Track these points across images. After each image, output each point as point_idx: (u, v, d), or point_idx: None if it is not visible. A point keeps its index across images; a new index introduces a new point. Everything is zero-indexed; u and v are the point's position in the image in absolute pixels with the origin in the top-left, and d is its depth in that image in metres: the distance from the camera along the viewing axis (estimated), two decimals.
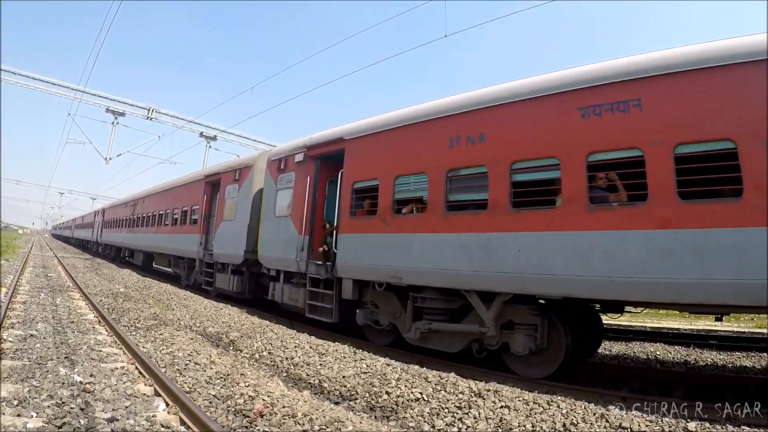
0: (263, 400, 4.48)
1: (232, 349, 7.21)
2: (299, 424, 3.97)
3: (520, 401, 4.65)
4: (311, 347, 7.03)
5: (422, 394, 4.93)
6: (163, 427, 3.85)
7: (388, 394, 5.01)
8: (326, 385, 5.48)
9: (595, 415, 4.28)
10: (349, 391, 5.25)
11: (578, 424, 4.14)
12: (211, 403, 4.47)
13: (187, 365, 5.68)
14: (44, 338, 6.43)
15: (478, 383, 5.23)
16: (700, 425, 4.05)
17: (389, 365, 6.03)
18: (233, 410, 4.28)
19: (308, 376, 5.82)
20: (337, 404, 4.89)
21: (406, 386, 5.16)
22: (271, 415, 4.15)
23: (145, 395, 4.55)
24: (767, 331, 10.69)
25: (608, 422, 4.14)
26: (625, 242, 4.89)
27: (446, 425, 4.25)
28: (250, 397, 4.56)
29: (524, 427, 4.14)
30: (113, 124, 24.62)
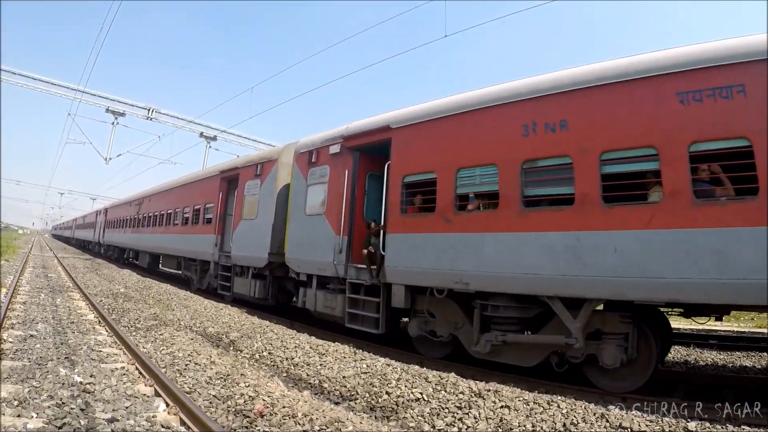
0: (263, 400, 4.49)
1: (232, 349, 7.21)
2: (299, 424, 3.98)
3: (520, 401, 4.65)
4: (311, 347, 7.04)
5: (422, 394, 4.93)
6: (163, 427, 3.86)
7: (388, 394, 5.01)
8: (326, 385, 5.49)
9: (595, 415, 4.29)
10: (349, 391, 5.25)
11: (578, 424, 4.15)
12: (211, 403, 4.48)
13: (187, 365, 5.68)
14: (44, 339, 6.43)
15: (478, 383, 5.23)
16: (700, 425, 4.06)
17: (389, 365, 6.03)
18: (233, 410, 4.29)
19: (308, 376, 5.83)
20: (337, 404, 4.90)
21: (406, 386, 5.16)
22: (271, 415, 4.16)
23: (145, 395, 4.56)
24: (767, 330, 10.70)
25: (608, 422, 4.14)
26: (737, 241, 4.46)
27: (446, 425, 4.26)
28: (250, 397, 4.56)
29: (524, 427, 4.14)
30: (113, 124, 24.65)
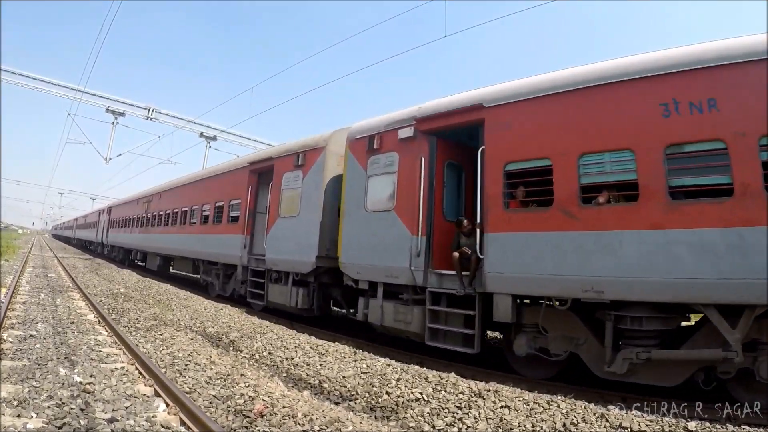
0: (263, 400, 4.49)
1: (232, 349, 7.21)
2: (299, 424, 3.98)
3: (520, 401, 4.65)
4: (311, 347, 7.04)
5: (422, 394, 4.93)
6: (163, 427, 3.86)
7: (388, 394, 5.01)
8: (326, 385, 5.49)
9: (595, 414, 4.29)
10: (349, 391, 5.25)
11: (578, 423, 4.15)
12: (211, 403, 4.48)
13: (187, 365, 5.68)
14: (44, 339, 6.43)
15: (478, 383, 5.23)
16: (700, 425, 4.06)
17: (389, 365, 6.03)
18: (233, 410, 4.29)
19: (308, 376, 5.83)
20: (337, 404, 4.90)
21: (406, 386, 5.16)
22: (271, 415, 4.16)
23: (145, 396, 4.56)
24: None
25: (608, 422, 4.15)
26: None
27: (446, 425, 4.26)
28: (250, 397, 4.57)
29: (524, 427, 4.14)
30: (113, 124, 24.65)
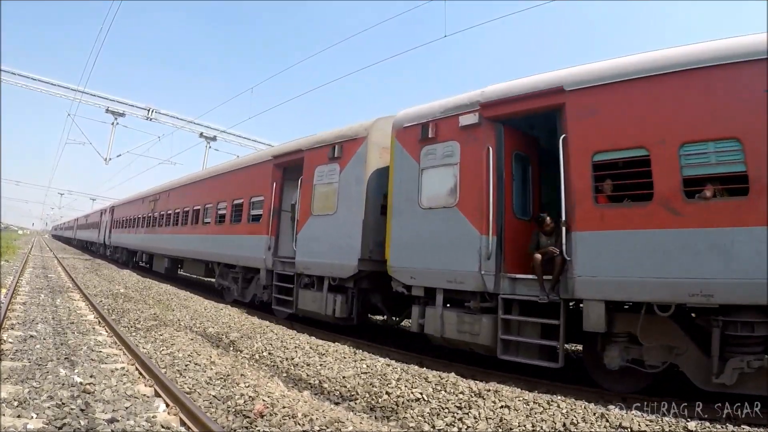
0: (263, 400, 4.49)
1: (232, 349, 7.22)
2: (299, 424, 3.98)
3: (520, 401, 4.66)
4: (311, 348, 7.04)
5: (422, 394, 4.93)
6: (163, 427, 3.86)
7: (388, 394, 5.01)
8: (326, 385, 5.49)
9: (595, 414, 4.30)
10: (349, 391, 5.25)
11: (578, 423, 4.16)
12: (211, 403, 4.48)
13: (187, 366, 5.69)
14: (44, 339, 6.43)
15: (478, 383, 5.24)
16: (700, 425, 4.07)
17: (389, 365, 6.04)
18: (233, 411, 4.29)
19: (308, 376, 5.83)
20: (337, 404, 4.90)
21: (406, 386, 5.17)
22: (271, 415, 4.16)
23: (145, 396, 4.56)
24: None
25: (608, 422, 4.15)
26: None
27: (446, 425, 4.26)
28: (250, 397, 4.57)
29: (524, 427, 4.14)
30: (113, 124, 24.67)
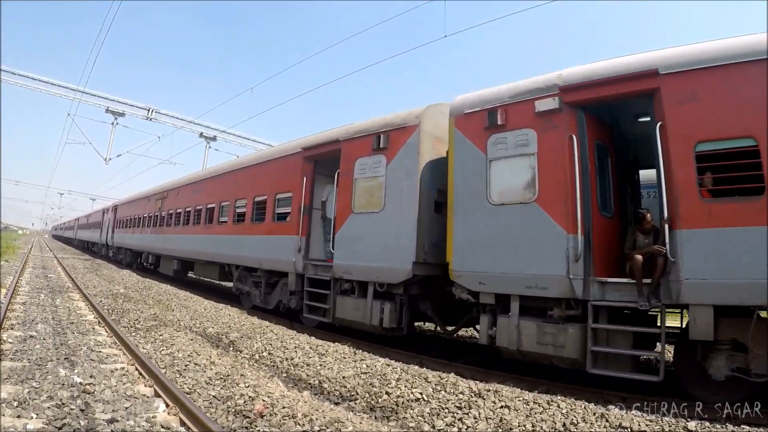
0: (263, 400, 4.49)
1: (232, 349, 7.21)
2: (299, 424, 3.98)
3: (520, 401, 4.66)
4: (311, 348, 7.04)
5: (422, 394, 4.93)
6: (163, 427, 3.85)
7: (388, 394, 5.01)
8: (326, 385, 5.49)
9: (595, 414, 4.30)
10: (349, 391, 5.25)
11: (578, 423, 4.15)
12: (211, 403, 4.48)
13: (187, 366, 5.68)
14: (44, 339, 6.43)
15: (478, 383, 5.24)
16: (700, 425, 4.07)
17: (389, 365, 6.04)
18: (233, 411, 4.29)
19: (308, 376, 5.83)
20: (337, 404, 4.90)
21: (406, 386, 5.17)
22: (271, 415, 4.16)
23: (145, 396, 4.56)
24: None
25: (608, 422, 4.15)
26: None
27: (446, 425, 4.26)
28: (250, 397, 4.57)
29: (524, 427, 4.14)
30: (113, 124, 24.66)
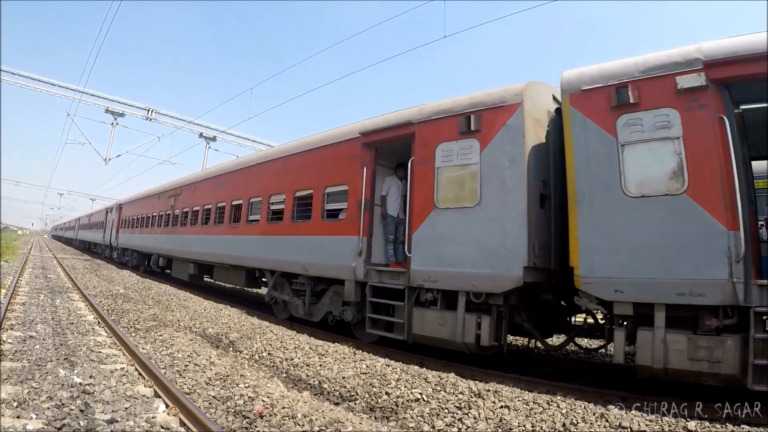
0: (263, 401, 4.49)
1: (231, 350, 7.21)
2: (299, 424, 3.98)
3: (519, 401, 4.66)
4: (311, 348, 7.04)
5: (422, 394, 4.93)
6: (162, 428, 3.85)
7: (388, 394, 5.01)
8: (326, 385, 5.49)
9: (594, 414, 4.30)
10: (349, 391, 5.25)
11: (578, 423, 4.15)
12: (210, 404, 4.47)
13: (186, 366, 5.68)
14: (44, 339, 6.42)
15: (478, 383, 5.23)
16: (700, 425, 4.06)
17: (389, 366, 6.03)
18: (233, 411, 4.29)
19: (308, 376, 5.83)
20: (337, 405, 4.90)
21: (405, 386, 5.16)
22: (271, 416, 4.16)
23: (144, 396, 4.55)
24: None
25: (608, 422, 4.15)
26: None
27: (446, 425, 4.26)
28: (249, 398, 4.56)
29: (524, 427, 4.14)
30: (113, 124, 24.63)
